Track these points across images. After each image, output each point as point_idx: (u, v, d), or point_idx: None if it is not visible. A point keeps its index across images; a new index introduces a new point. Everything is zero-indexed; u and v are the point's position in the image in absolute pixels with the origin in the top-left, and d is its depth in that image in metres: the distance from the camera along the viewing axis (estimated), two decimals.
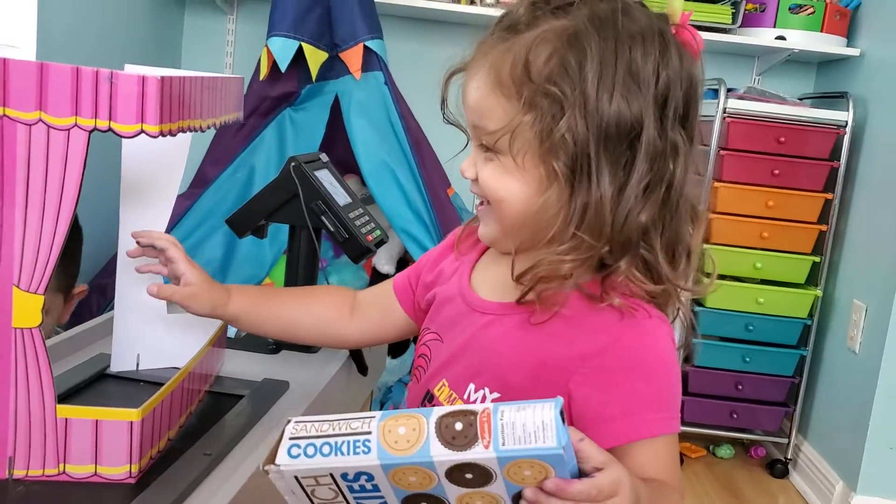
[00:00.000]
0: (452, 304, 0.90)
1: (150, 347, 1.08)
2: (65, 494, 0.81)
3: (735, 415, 2.69)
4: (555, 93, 0.74)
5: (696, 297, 2.38)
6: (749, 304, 2.62)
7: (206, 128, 0.89)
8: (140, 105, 0.75)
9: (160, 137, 0.77)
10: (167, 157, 1.00)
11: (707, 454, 2.80)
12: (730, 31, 2.71)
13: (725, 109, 2.54)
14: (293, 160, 1.24)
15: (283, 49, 2.23)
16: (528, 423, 0.62)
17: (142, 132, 0.75)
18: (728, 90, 2.57)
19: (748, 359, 2.65)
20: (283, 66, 2.24)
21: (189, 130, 0.84)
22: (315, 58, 2.28)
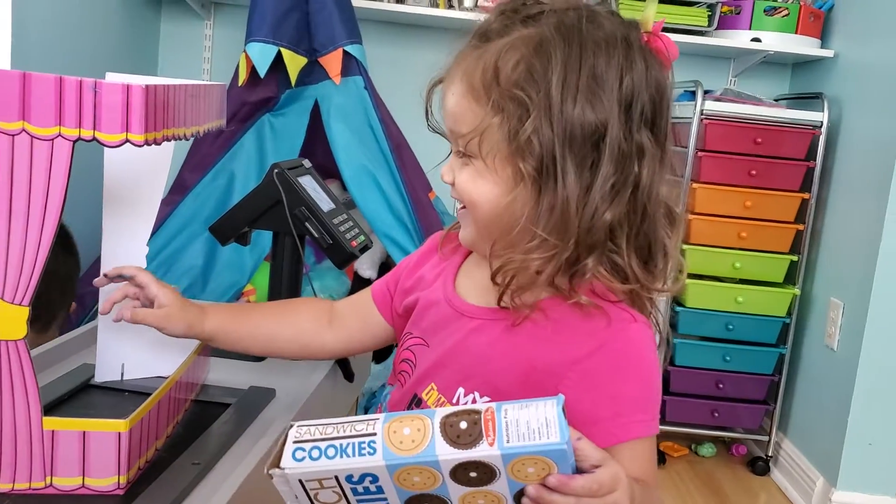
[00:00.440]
0: (437, 309, 0.91)
1: (135, 357, 1.07)
2: None
3: (716, 413, 2.71)
4: (521, 97, 0.77)
5: (670, 296, 2.40)
6: (728, 304, 2.64)
7: (190, 136, 0.89)
8: (125, 114, 0.74)
9: (144, 146, 0.76)
10: (150, 166, 1.00)
11: (689, 453, 2.82)
12: (706, 34, 2.74)
13: (703, 111, 2.56)
14: (276, 166, 1.23)
15: (262, 54, 2.22)
16: (532, 420, 0.63)
17: (127, 141, 0.75)
18: (705, 92, 2.59)
19: (728, 358, 2.67)
20: (263, 72, 2.23)
21: (173, 139, 0.83)
22: (294, 63, 2.27)
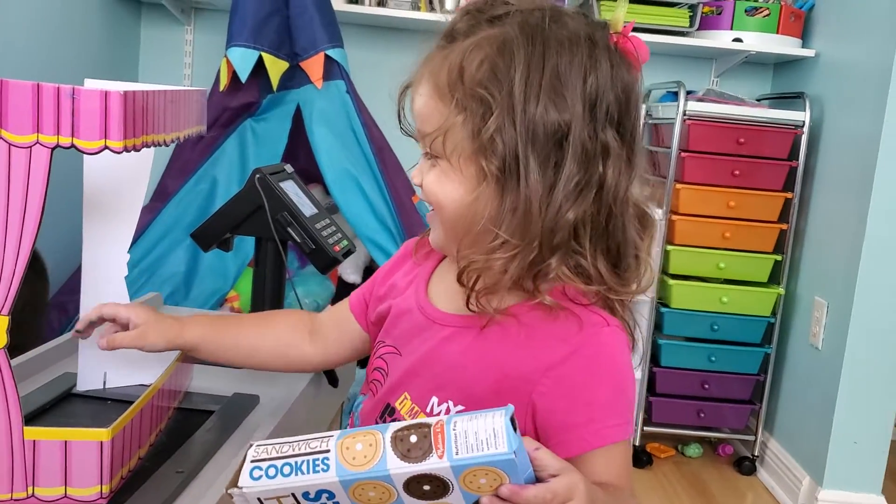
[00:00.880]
0: (410, 317, 0.90)
1: (117, 365, 1.06)
2: None
3: (702, 414, 2.72)
4: (484, 95, 0.76)
5: (649, 297, 2.40)
6: (713, 304, 2.65)
7: (170, 142, 0.88)
8: (103, 121, 0.74)
9: (124, 153, 0.76)
10: (130, 172, 0.99)
11: (676, 454, 2.83)
12: (687, 35, 2.75)
13: (685, 112, 2.57)
14: (258, 172, 1.23)
15: (243, 59, 2.22)
16: (480, 432, 0.63)
17: (105, 148, 0.74)
18: (687, 93, 2.60)
19: (714, 358, 2.68)
20: (244, 77, 2.22)
21: (153, 145, 0.83)
22: (275, 67, 2.26)
